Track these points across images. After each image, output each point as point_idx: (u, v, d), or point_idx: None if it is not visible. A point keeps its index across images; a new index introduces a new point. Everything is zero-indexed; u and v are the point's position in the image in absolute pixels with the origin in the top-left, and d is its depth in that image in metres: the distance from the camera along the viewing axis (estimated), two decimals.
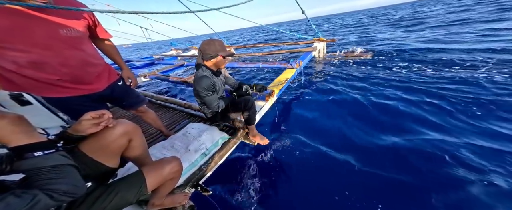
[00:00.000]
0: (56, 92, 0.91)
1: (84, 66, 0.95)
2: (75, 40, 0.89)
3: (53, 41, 0.81)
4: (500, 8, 7.74)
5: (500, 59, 2.97)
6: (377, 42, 5.68)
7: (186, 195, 1.13)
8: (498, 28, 4.87)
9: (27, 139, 0.53)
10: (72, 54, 0.88)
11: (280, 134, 2.09)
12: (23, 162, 0.51)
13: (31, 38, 0.77)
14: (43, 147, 0.54)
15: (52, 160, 0.54)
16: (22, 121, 0.54)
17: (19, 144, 0.51)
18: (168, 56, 6.51)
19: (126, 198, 0.73)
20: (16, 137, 0.51)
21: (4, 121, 0.50)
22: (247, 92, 1.55)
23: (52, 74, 0.86)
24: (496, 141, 1.53)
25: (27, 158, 0.51)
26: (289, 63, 2.96)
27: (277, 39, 11.66)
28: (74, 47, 0.89)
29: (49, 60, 0.82)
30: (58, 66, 0.85)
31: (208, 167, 1.32)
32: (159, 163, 0.85)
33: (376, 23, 11.43)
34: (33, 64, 0.80)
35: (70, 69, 0.89)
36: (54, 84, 0.88)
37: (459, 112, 1.94)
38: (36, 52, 0.78)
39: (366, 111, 2.24)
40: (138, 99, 1.32)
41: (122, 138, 0.78)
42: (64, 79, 0.90)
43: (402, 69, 3.28)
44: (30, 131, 0.54)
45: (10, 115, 0.53)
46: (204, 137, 1.43)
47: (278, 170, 1.65)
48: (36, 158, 0.52)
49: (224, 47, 1.31)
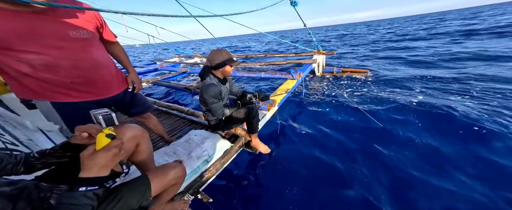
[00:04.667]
0: (69, 97, 0.90)
1: (97, 69, 0.93)
2: (85, 41, 0.88)
3: (64, 42, 0.81)
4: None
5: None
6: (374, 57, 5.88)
7: (186, 202, 1.12)
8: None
9: (107, 171, 0.52)
10: (84, 56, 0.87)
11: (281, 143, 2.10)
12: (67, 195, 0.47)
13: (43, 40, 0.76)
14: (93, 182, 0.50)
15: (76, 199, 0.48)
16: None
17: (98, 175, 0.50)
18: (171, 63, 6.62)
19: (128, 203, 0.73)
20: (109, 166, 0.52)
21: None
22: (251, 101, 1.59)
23: (66, 77, 0.85)
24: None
25: (74, 191, 0.47)
26: (290, 74, 3.04)
27: (278, 47, 11.93)
28: (85, 49, 0.88)
29: (61, 62, 0.82)
30: (71, 68, 0.84)
31: (209, 174, 1.32)
32: (164, 168, 0.85)
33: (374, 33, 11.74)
34: (47, 67, 0.80)
35: (83, 72, 0.88)
36: (68, 87, 0.87)
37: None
38: (49, 54, 0.78)
39: (367, 122, 2.27)
40: (145, 106, 1.32)
41: (130, 142, 0.79)
42: (77, 82, 0.89)
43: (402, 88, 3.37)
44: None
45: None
46: (207, 144, 1.44)
47: (278, 178, 1.63)
48: (77, 193, 0.48)
49: (231, 57, 1.37)
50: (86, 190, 0.48)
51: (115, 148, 0.54)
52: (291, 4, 3.22)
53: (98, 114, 0.60)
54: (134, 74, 1.19)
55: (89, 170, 0.50)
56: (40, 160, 0.65)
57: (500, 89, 2.67)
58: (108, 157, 0.52)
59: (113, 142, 0.55)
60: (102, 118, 0.60)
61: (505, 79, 3.02)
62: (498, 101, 2.36)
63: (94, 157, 0.51)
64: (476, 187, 1.32)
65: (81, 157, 0.51)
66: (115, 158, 0.54)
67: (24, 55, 0.75)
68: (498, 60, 4.11)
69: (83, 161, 0.51)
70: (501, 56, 4.30)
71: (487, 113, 2.11)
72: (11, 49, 0.72)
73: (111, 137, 0.56)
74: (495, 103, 2.32)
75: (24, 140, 0.98)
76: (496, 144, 1.68)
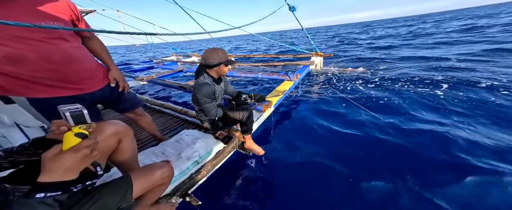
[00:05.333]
0: (43, 92, 0.84)
1: (69, 63, 0.87)
2: (55, 33, 0.81)
3: (29, 33, 0.74)
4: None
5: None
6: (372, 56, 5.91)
7: (173, 205, 1.06)
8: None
9: (73, 174, 0.47)
10: (54, 48, 0.80)
11: (276, 145, 2.06)
12: (21, 201, 0.42)
13: (2, 30, 0.70)
14: (54, 187, 0.44)
15: (31, 207, 0.42)
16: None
17: (62, 179, 0.44)
18: (168, 61, 6.54)
19: (106, 205, 0.67)
20: (77, 168, 0.46)
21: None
22: (246, 101, 1.54)
23: (35, 71, 0.79)
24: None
25: (30, 197, 0.41)
26: (287, 75, 3.01)
27: (275, 48, 11.96)
28: (54, 42, 0.81)
29: (27, 54, 0.75)
30: (40, 61, 0.78)
31: (199, 175, 1.26)
32: (149, 168, 0.80)
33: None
34: (11, 60, 0.73)
35: (54, 65, 0.82)
36: (40, 82, 0.82)
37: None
38: (10, 45, 0.72)
39: (362, 124, 2.25)
40: (134, 102, 1.27)
41: (111, 139, 0.74)
42: (50, 76, 0.83)
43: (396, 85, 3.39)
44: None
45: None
46: (198, 145, 1.39)
47: (272, 181, 1.59)
48: (33, 200, 0.41)
49: (227, 56, 1.33)
50: (44, 196, 0.42)
51: (86, 148, 0.48)
52: (289, 9, 3.25)
53: (65, 110, 0.51)
54: (115, 71, 1.11)
55: (50, 174, 0.44)
56: (6, 159, 0.59)
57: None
58: (76, 158, 0.46)
59: (84, 142, 0.49)
60: (69, 114, 0.51)
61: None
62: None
63: (58, 159, 0.45)
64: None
65: (43, 158, 0.45)
66: (85, 160, 0.48)
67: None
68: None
69: (44, 163, 0.44)
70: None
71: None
72: None
73: (82, 136, 0.50)
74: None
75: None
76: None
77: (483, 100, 2.50)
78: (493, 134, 1.85)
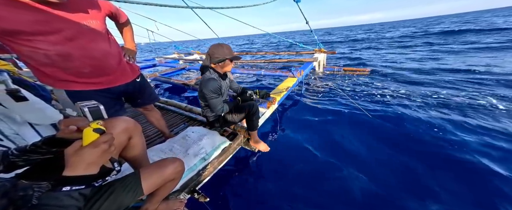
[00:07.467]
0: (81, 85, 0.92)
1: (108, 58, 0.96)
2: (95, 32, 0.91)
3: (79, 34, 0.84)
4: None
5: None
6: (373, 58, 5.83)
7: (182, 201, 1.07)
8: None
9: (95, 169, 0.47)
10: (94, 46, 0.90)
11: (281, 141, 2.06)
12: (50, 195, 0.42)
13: (58, 31, 0.79)
14: (79, 181, 0.45)
15: (59, 200, 0.43)
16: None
17: (85, 173, 0.45)
18: (170, 59, 6.54)
19: (119, 200, 0.68)
20: (98, 163, 0.47)
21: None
22: (251, 97, 1.54)
23: (80, 67, 0.88)
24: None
25: (57, 191, 0.42)
26: (291, 72, 2.99)
27: (280, 45, 11.86)
28: (95, 39, 0.90)
29: (74, 52, 0.84)
30: (84, 58, 0.87)
31: (206, 172, 1.27)
32: (161, 163, 0.80)
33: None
34: (62, 57, 0.82)
35: (94, 61, 0.91)
36: (81, 76, 0.90)
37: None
38: (63, 44, 0.81)
39: (365, 121, 2.23)
40: (152, 97, 1.31)
41: (122, 135, 0.74)
42: (89, 71, 0.91)
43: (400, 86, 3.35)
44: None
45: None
46: (205, 141, 1.39)
47: (277, 177, 1.59)
48: (60, 193, 0.42)
49: (232, 52, 1.32)
50: (70, 189, 0.43)
51: (104, 143, 0.49)
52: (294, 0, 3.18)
53: (84, 106, 0.53)
54: (132, 45, 1.23)
55: (74, 168, 0.44)
56: (21, 157, 0.60)
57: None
58: (96, 153, 0.47)
59: (102, 137, 0.50)
60: (88, 110, 0.53)
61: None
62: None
63: (80, 154, 0.45)
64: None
65: (66, 154, 0.45)
66: (105, 155, 0.49)
67: (40, 45, 0.77)
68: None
69: (67, 158, 0.45)
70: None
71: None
72: (27, 40, 0.75)
73: (100, 131, 0.50)
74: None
75: (9, 134, 0.92)
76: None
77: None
78: None
